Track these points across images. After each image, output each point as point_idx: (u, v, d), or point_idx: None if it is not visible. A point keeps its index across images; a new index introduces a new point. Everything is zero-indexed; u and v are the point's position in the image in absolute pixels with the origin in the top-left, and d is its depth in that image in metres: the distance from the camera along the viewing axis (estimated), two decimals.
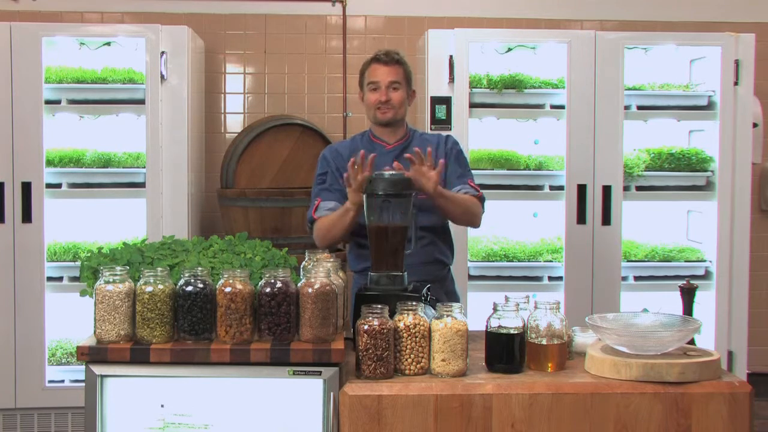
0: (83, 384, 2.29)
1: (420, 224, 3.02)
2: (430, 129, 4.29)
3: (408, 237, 2.74)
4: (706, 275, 4.44)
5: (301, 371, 2.27)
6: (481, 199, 3.20)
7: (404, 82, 3.19)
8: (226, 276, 2.31)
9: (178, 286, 2.31)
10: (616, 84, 4.30)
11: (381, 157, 3.14)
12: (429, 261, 3.16)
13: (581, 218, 4.29)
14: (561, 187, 4.32)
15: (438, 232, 3.21)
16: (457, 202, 3.09)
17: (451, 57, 4.27)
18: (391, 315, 2.35)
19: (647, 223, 4.65)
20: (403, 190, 2.69)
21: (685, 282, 2.68)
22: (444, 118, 4.29)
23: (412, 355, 2.34)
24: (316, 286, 2.31)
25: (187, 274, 2.31)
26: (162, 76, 4.17)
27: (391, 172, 2.73)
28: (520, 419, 2.27)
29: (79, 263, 3.39)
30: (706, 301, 4.33)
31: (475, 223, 3.21)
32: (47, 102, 4.18)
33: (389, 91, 3.15)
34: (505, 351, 2.38)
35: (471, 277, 4.29)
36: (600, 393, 2.28)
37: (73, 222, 4.40)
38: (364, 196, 2.73)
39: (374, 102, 3.17)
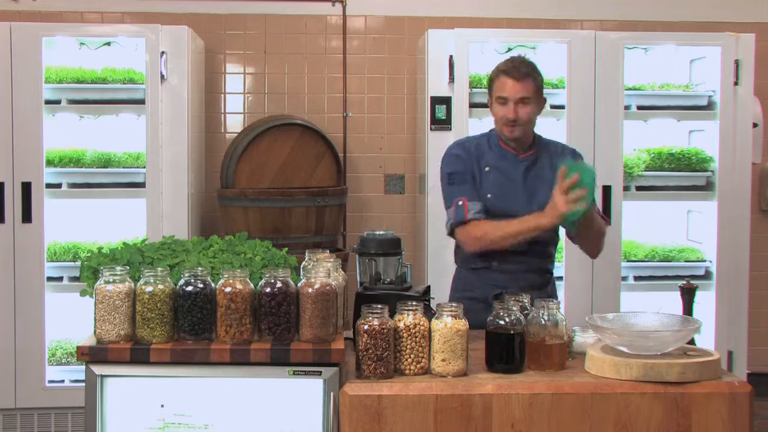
0: (83, 384, 2.29)
1: (538, 237, 2.97)
2: (430, 129, 4.30)
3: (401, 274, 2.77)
4: (706, 275, 4.44)
5: (301, 371, 2.27)
6: (608, 223, 3.14)
7: (535, 96, 3.00)
8: (226, 276, 2.31)
9: (178, 286, 2.31)
10: (616, 84, 4.30)
11: (511, 165, 3.07)
12: (534, 269, 3.09)
13: None
14: None
15: (551, 241, 3.13)
16: (595, 226, 3.01)
17: (451, 57, 4.28)
18: (391, 315, 2.35)
19: (647, 223, 4.65)
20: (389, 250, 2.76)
21: (685, 282, 2.68)
22: (444, 118, 4.29)
23: (412, 355, 2.34)
24: (316, 286, 2.31)
25: (187, 274, 2.31)
26: (162, 76, 4.17)
27: (381, 232, 2.82)
28: (520, 419, 2.27)
29: (79, 263, 3.39)
30: (706, 301, 4.33)
31: (595, 256, 3.16)
32: (47, 102, 4.18)
33: (518, 107, 2.98)
34: (505, 351, 2.38)
35: None
36: (600, 393, 2.28)
37: (73, 222, 4.40)
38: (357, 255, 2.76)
39: (501, 117, 3.01)
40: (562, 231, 3.26)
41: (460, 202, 3.01)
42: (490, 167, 3.07)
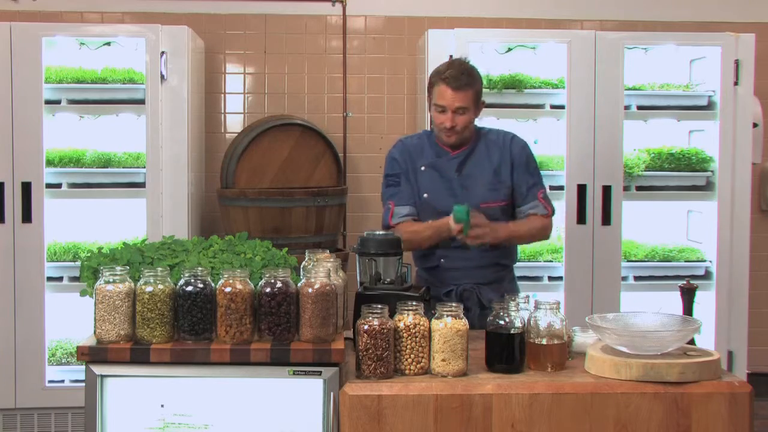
0: (83, 384, 2.29)
1: None
2: (430, 129, 4.29)
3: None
4: (706, 275, 4.44)
5: (301, 371, 2.27)
6: (552, 214, 3.21)
7: (472, 105, 3.05)
8: (226, 276, 2.31)
9: (178, 286, 2.31)
10: (616, 84, 4.30)
11: (445, 162, 3.15)
12: (486, 265, 3.14)
13: (581, 218, 4.29)
14: (561, 187, 4.31)
15: None
16: (523, 238, 3.17)
17: (451, 57, 4.27)
18: (391, 315, 2.36)
19: (647, 223, 4.65)
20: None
21: (685, 282, 2.68)
22: None
23: (412, 355, 2.34)
24: (316, 286, 2.31)
25: (187, 274, 2.31)
26: (162, 76, 4.17)
27: (381, 232, 2.86)
28: (520, 419, 2.27)
29: (79, 263, 3.39)
30: (706, 301, 4.33)
31: (543, 241, 3.29)
32: (47, 102, 4.18)
33: (455, 116, 3.04)
34: (505, 351, 2.38)
35: None
36: (600, 393, 2.28)
37: (73, 222, 4.40)
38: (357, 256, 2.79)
39: (439, 124, 3.08)
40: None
41: (389, 205, 3.14)
42: (425, 166, 3.16)
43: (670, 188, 4.46)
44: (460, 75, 3.02)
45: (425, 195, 3.15)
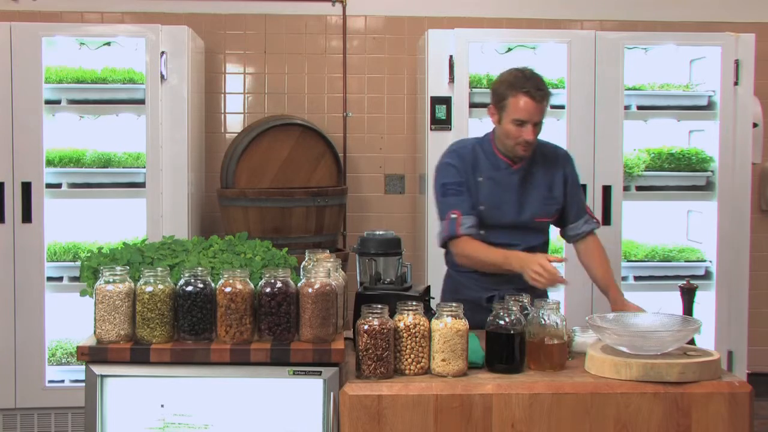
0: (83, 384, 2.30)
1: (531, 243, 3.04)
2: (430, 129, 4.30)
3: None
4: (706, 275, 4.44)
5: (301, 371, 2.27)
6: (597, 223, 3.20)
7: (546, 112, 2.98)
8: (226, 276, 2.31)
9: (178, 286, 2.31)
10: (616, 84, 4.30)
11: (505, 175, 3.05)
12: None
13: None
14: None
15: (542, 247, 3.15)
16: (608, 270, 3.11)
17: (451, 57, 4.27)
18: (391, 315, 2.35)
19: (647, 223, 4.65)
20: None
21: (685, 282, 2.68)
22: (444, 118, 4.29)
23: (412, 355, 2.34)
24: (316, 286, 2.31)
25: (187, 274, 2.31)
26: (162, 76, 4.17)
27: (381, 232, 2.84)
28: (520, 419, 2.27)
29: (79, 263, 3.39)
30: (706, 301, 4.33)
31: None
32: (47, 102, 4.18)
33: (535, 129, 2.93)
34: (505, 351, 2.38)
35: None
36: (600, 393, 2.28)
37: (73, 222, 4.40)
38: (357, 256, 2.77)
39: (516, 137, 2.94)
40: (554, 232, 3.27)
41: (453, 215, 2.99)
42: (483, 177, 3.05)
43: (670, 188, 4.46)
44: (540, 84, 2.94)
45: (481, 207, 3.03)
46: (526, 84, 2.91)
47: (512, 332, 2.37)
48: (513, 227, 3.05)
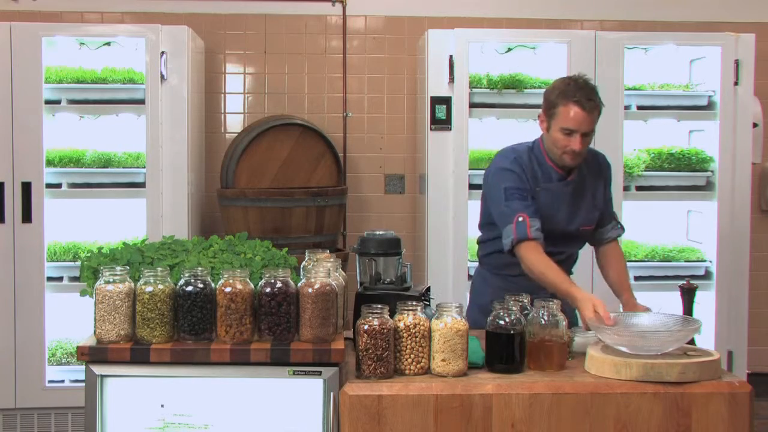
0: (83, 384, 2.29)
1: (572, 250, 3.07)
2: (430, 129, 4.30)
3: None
4: (706, 275, 4.44)
5: (301, 371, 2.27)
6: (623, 230, 3.18)
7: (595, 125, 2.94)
8: (226, 276, 2.31)
9: (178, 286, 2.31)
10: (616, 84, 4.30)
11: (559, 186, 3.00)
12: None
13: None
14: None
15: (575, 257, 3.16)
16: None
17: (451, 57, 4.27)
18: (391, 315, 2.35)
19: (647, 223, 4.65)
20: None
21: (685, 282, 2.68)
22: (444, 118, 4.29)
23: (412, 355, 2.34)
24: (316, 286, 2.31)
25: (187, 274, 2.31)
26: (162, 76, 4.17)
27: (381, 232, 2.84)
28: (520, 419, 2.27)
29: (79, 263, 3.39)
30: (706, 301, 4.33)
31: None
32: (47, 102, 4.18)
33: (583, 139, 2.90)
34: (505, 351, 2.38)
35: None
36: (600, 393, 2.28)
37: (73, 222, 4.40)
38: (357, 255, 2.78)
39: (564, 146, 2.90)
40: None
41: (521, 219, 2.90)
42: (540, 189, 2.99)
43: (670, 188, 4.46)
44: (592, 95, 2.91)
45: None
46: (577, 93, 2.88)
47: (512, 332, 2.37)
48: (560, 236, 3.00)
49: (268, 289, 2.30)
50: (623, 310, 2.90)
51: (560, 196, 3.00)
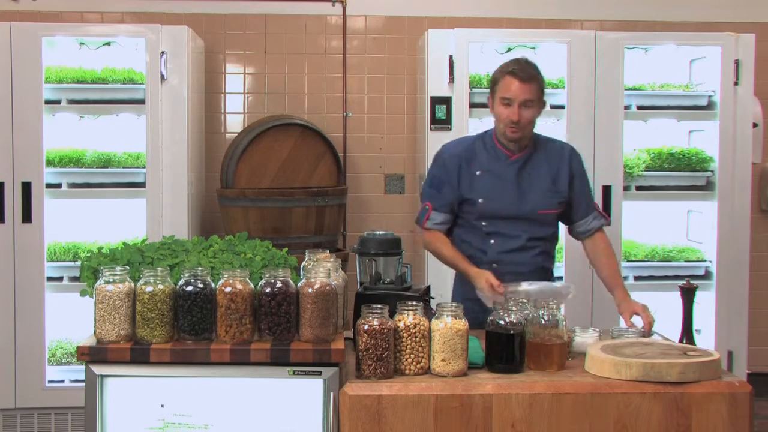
0: (83, 384, 2.30)
1: (535, 235, 3.10)
2: (430, 129, 4.30)
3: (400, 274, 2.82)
4: (706, 275, 4.44)
5: (301, 371, 2.27)
6: (606, 220, 3.24)
7: (537, 99, 3.04)
8: (226, 276, 2.31)
9: (178, 286, 2.31)
10: (616, 84, 4.30)
11: (504, 166, 3.11)
12: (535, 269, 3.12)
13: None
14: None
15: (548, 240, 3.19)
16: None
17: (451, 57, 4.27)
18: (391, 315, 2.35)
19: (647, 223, 4.65)
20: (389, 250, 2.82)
21: (685, 282, 2.68)
22: (444, 118, 4.29)
23: (412, 355, 2.34)
24: (316, 286, 2.31)
25: (187, 274, 2.31)
26: (162, 76, 4.17)
27: (381, 232, 2.86)
28: (520, 419, 2.27)
29: (79, 263, 3.39)
30: (706, 301, 4.33)
31: None
32: (47, 102, 4.17)
33: (521, 110, 3.00)
34: (505, 351, 2.38)
35: None
36: (600, 393, 2.28)
37: (73, 222, 4.40)
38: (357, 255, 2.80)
39: (504, 118, 3.03)
40: (562, 230, 3.28)
41: (426, 206, 3.15)
42: (482, 170, 3.11)
43: (670, 188, 4.46)
44: (526, 67, 3.04)
45: (480, 200, 3.09)
46: (514, 67, 3.03)
47: (512, 332, 2.37)
48: (516, 218, 3.09)
49: (268, 289, 2.30)
50: (618, 310, 2.97)
51: (504, 177, 3.10)
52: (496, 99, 3.06)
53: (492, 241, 3.10)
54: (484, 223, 3.10)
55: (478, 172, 3.11)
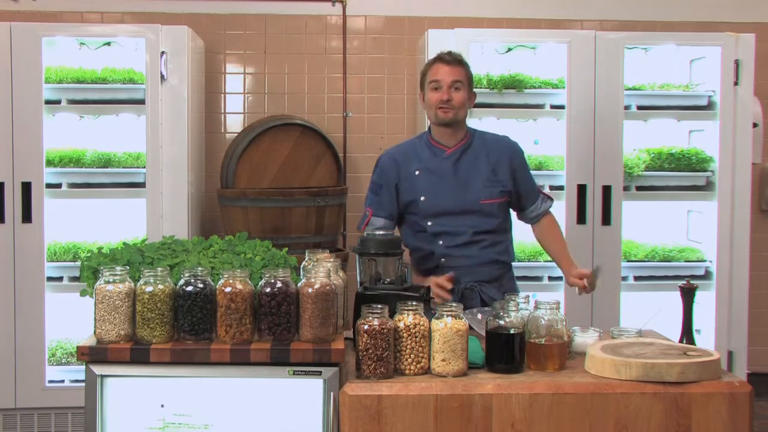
0: (83, 384, 2.29)
1: (480, 228, 3.14)
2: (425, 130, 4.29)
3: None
4: (706, 275, 4.44)
5: (301, 371, 2.27)
6: (551, 200, 3.35)
7: (466, 83, 3.15)
8: (226, 276, 2.31)
9: (178, 286, 2.31)
10: (616, 84, 4.30)
11: (440, 162, 3.17)
12: (486, 262, 3.16)
13: (581, 218, 4.29)
14: (561, 187, 4.31)
15: (498, 232, 3.21)
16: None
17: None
18: (391, 315, 2.35)
19: (647, 223, 4.65)
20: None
21: (685, 282, 2.68)
22: None
23: (412, 355, 2.34)
24: (316, 286, 2.31)
25: (187, 274, 2.31)
26: (162, 76, 4.17)
27: (381, 232, 2.86)
28: (520, 419, 2.27)
29: (79, 263, 3.39)
30: (706, 301, 4.33)
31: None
32: (47, 102, 4.18)
33: (451, 91, 3.11)
34: (505, 351, 2.38)
35: None
36: (600, 393, 2.28)
37: (73, 222, 4.40)
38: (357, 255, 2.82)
39: (435, 101, 3.12)
40: (514, 220, 3.33)
41: (367, 212, 3.22)
42: (420, 170, 3.18)
43: (670, 188, 4.46)
44: (452, 53, 3.19)
45: (422, 198, 3.15)
46: (440, 54, 3.18)
47: (512, 332, 2.37)
48: (460, 213, 3.14)
49: (268, 289, 2.30)
50: (565, 278, 3.15)
51: (443, 172, 3.16)
52: (426, 89, 3.16)
53: (440, 242, 3.15)
54: (429, 223, 3.15)
55: (417, 172, 3.18)
